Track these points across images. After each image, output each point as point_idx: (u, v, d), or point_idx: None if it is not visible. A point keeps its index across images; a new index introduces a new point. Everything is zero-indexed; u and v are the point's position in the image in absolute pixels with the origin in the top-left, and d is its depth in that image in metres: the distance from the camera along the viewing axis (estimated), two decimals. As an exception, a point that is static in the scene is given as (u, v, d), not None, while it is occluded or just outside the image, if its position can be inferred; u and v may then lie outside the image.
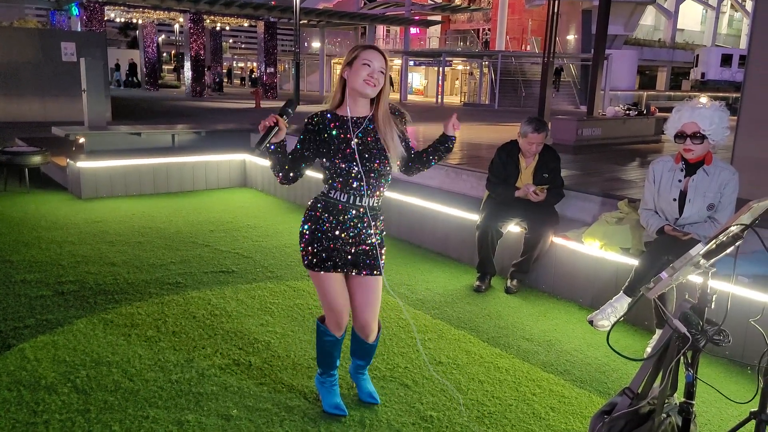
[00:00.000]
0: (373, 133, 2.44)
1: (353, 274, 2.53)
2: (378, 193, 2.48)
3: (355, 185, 2.42)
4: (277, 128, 2.27)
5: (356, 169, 2.39)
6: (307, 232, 2.49)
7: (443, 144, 2.57)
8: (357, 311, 2.61)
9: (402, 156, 2.51)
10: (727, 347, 3.37)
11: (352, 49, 2.42)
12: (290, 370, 3.09)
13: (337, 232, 2.45)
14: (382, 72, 2.37)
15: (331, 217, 2.44)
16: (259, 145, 2.29)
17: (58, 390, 2.80)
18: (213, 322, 3.63)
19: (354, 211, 2.44)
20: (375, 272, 2.53)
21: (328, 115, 2.44)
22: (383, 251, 2.55)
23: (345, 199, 2.44)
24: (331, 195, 2.46)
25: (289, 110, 2.36)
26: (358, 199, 2.44)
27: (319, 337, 2.67)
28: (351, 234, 2.46)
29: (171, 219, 6.10)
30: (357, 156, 2.39)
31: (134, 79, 33.83)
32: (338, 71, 2.47)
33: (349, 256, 2.49)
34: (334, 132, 2.41)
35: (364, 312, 2.60)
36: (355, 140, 2.40)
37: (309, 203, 2.54)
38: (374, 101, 2.44)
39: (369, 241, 2.51)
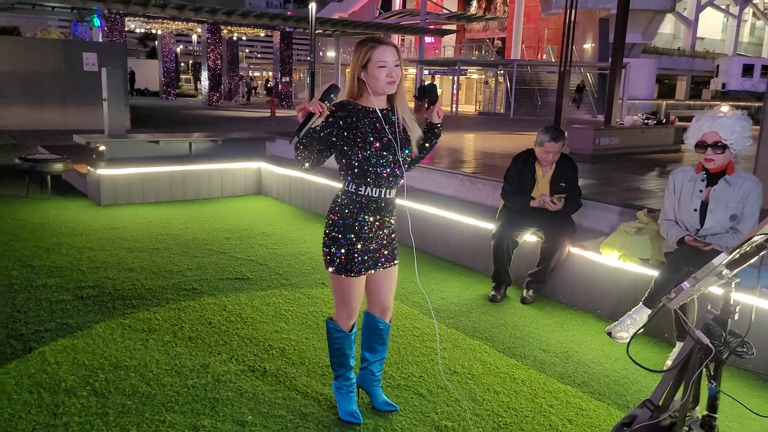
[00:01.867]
0: (396, 124, 2.47)
1: (381, 269, 2.57)
2: (400, 182, 2.52)
3: (387, 176, 2.43)
4: (317, 115, 2.21)
5: (391, 158, 2.42)
6: (342, 237, 2.45)
7: (432, 130, 2.60)
8: (381, 298, 2.67)
9: (418, 140, 2.53)
10: (750, 360, 3.31)
11: (360, 47, 2.38)
12: (305, 377, 3.09)
13: (374, 232, 2.48)
14: (397, 65, 2.39)
15: (370, 218, 2.45)
16: (299, 133, 2.20)
17: (78, 393, 2.83)
18: (228, 328, 3.65)
19: (386, 207, 2.49)
20: (396, 261, 2.62)
21: (356, 106, 2.42)
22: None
23: (377, 195, 2.45)
24: (362, 192, 2.43)
25: (332, 95, 2.29)
26: (388, 191, 2.46)
27: (330, 335, 2.67)
28: (385, 229, 2.51)
29: (187, 226, 6.15)
30: (395, 146, 2.42)
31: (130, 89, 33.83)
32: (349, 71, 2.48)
33: (379, 253, 2.53)
34: (365, 122, 2.40)
35: (387, 298, 2.68)
36: (389, 130, 2.43)
37: (335, 208, 2.48)
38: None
39: (388, 231, 2.55)
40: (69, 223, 6.07)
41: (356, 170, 2.42)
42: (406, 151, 2.48)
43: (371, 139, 2.39)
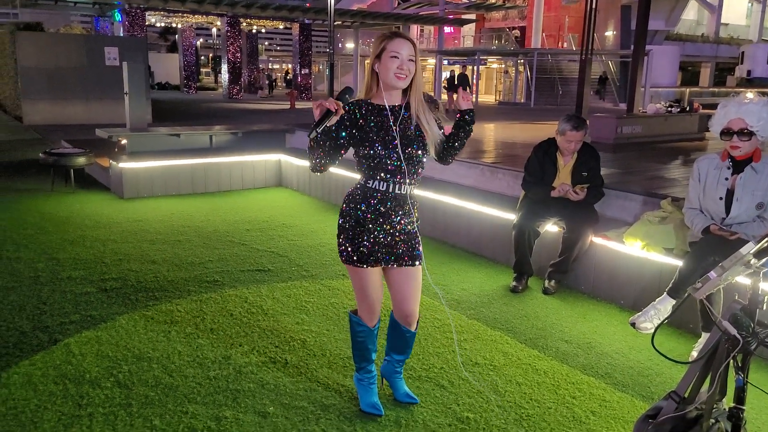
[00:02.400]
0: (408, 120, 2.44)
1: (394, 266, 2.53)
2: (415, 179, 2.49)
3: (394, 172, 2.42)
4: (333, 113, 2.22)
5: (396, 156, 2.39)
6: (348, 227, 2.48)
7: (462, 119, 2.54)
8: (401, 302, 2.61)
9: (437, 140, 2.50)
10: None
11: (378, 38, 2.41)
12: (326, 368, 3.10)
13: (378, 224, 2.45)
14: (411, 60, 2.36)
15: (372, 209, 2.44)
16: (317, 129, 2.22)
17: (102, 384, 2.87)
18: (250, 320, 3.67)
19: (394, 200, 2.45)
20: (416, 262, 2.55)
21: (364, 104, 2.43)
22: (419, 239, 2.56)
23: (384, 188, 2.43)
24: (370, 185, 2.45)
25: (347, 96, 2.33)
26: (397, 186, 2.44)
27: (353, 328, 2.67)
28: (392, 223, 2.47)
29: (209, 218, 6.20)
30: (398, 143, 2.39)
31: None
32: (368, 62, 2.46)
33: (391, 248, 2.49)
34: (372, 121, 2.41)
35: (408, 303, 2.61)
36: (395, 127, 2.41)
37: (345, 197, 2.52)
38: (407, 89, 2.44)
39: (408, 230, 2.51)
40: (93, 216, 6.17)
41: (365, 165, 2.45)
42: (414, 148, 2.43)
43: (374, 136, 2.39)
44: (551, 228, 4.43)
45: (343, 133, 2.39)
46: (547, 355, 3.35)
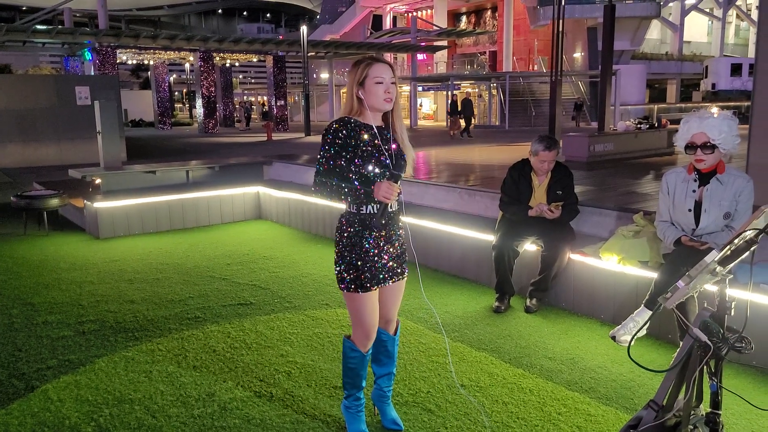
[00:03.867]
0: (391, 141, 2.51)
1: (389, 284, 2.59)
2: (401, 194, 2.54)
3: None
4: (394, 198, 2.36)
5: (389, 174, 2.42)
6: (350, 256, 2.48)
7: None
8: (385, 311, 2.69)
9: (413, 159, 2.60)
10: (754, 356, 3.31)
11: (357, 65, 2.45)
12: (312, 399, 3.08)
13: (381, 248, 2.50)
14: (393, 83, 2.44)
15: (376, 234, 2.48)
16: (384, 216, 2.41)
17: (82, 430, 2.81)
18: (233, 355, 3.64)
19: (392, 221, 2.51)
20: (405, 274, 2.64)
21: (353, 122, 2.46)
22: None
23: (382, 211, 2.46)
24: (365, 211, 2.46)
25: (400, 174, 2.39)
26: (388, 206, 2.47)
27: (345, 354, 2.66)
28: (392, 242, 2.53)
29: (188, 254, 6.16)
30: (392, 162, 2.45)
31: None
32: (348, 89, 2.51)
33: (388, 267, 2.54)
34: (364, 139, 2.44)
35: (390, 310, 2.69)
36: (385, 148, 2.46)
37: (341, 226, 2.52)
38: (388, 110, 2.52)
39: (397, 244, 2.58)
40: (68, 258, 6.08)
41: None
42: (400, 166, 2.48)
43: (365, 155, 2.43)
44: (530, 247, 4.49)
45: (343, 162, 2.43)
46: (532, 373, 3.37)
